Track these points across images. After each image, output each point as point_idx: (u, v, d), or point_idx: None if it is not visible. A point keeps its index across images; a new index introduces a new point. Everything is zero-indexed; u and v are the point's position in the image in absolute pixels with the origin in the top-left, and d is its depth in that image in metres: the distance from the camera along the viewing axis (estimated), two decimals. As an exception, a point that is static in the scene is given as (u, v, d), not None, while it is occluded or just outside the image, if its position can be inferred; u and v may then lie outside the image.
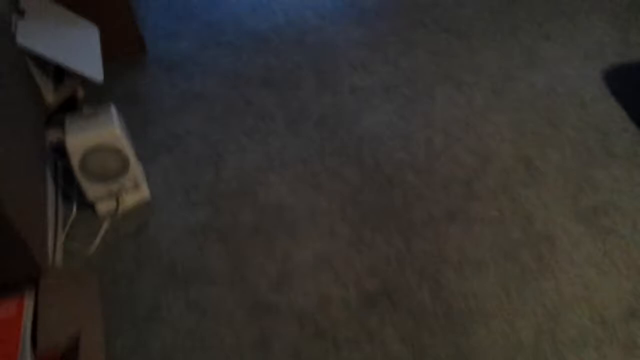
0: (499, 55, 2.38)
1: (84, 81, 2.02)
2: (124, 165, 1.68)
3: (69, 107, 2.02)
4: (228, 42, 2.43)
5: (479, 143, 1.99)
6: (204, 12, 2.60)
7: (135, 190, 1.78)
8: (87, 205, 1.77)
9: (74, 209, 1.78)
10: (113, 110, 1.70)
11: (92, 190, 1.69)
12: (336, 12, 2.62)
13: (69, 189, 1.82)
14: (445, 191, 1.82)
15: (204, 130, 2.05)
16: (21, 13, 1.73)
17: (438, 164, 1.91)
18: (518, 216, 1.74)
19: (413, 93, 2.19)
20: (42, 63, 1.86)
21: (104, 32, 2.10)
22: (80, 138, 1.59)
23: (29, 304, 1.14)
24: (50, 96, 1.85)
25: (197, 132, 2.04)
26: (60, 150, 1.88)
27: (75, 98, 2.03)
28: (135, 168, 1.71)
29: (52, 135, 1.90)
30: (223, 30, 2.50)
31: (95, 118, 1.66)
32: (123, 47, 2.28)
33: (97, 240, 1.70)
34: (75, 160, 1.61)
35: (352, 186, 1.84)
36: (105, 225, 1.74)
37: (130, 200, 1.79)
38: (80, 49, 1.83)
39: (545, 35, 2.48)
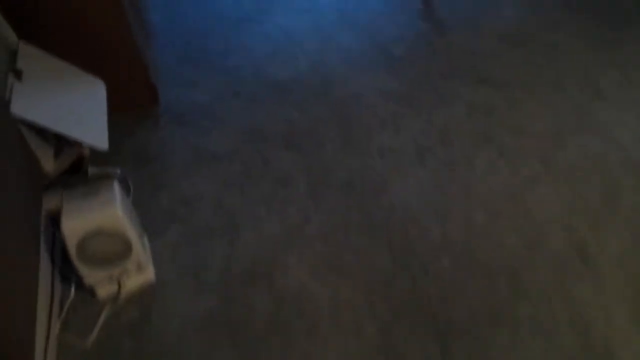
0: (544, 113, 2.14)
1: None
2: (127, 248, 1.50)
3: (74, 167, 1.85)
4: (246, 92, 2.24)
5: (526, 222, 1.76)
6: (221, 56, 2.41)
7: (139, 273, 1.60)
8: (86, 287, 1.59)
9: (72, 291, 1.60)
10: (116, 186, 1.52)
11: (91, 276, 1.51)
12: (363, 58, 2.42)
13: (67, 268, 1.64)
14: (489, 284, 1.59)
15: (219, 196, 1.86)
16: (18, 74, 1.56)
17: (479, 248, 1.69)
18: (573, 321, 1.50)
19: (449, 157, 1.97)
20: (41, 129, 1.70)
21: (113, 82, 1.92)
22: (78, 221, 1.42)
23: None
24: (50, 164, 1.68)
25: (211, 198, 1.85)
26: (58, 220, 1.71)
27: (82, 157, 1.86)
28: (139, 250, 1.53)
29: (50, 202, 1.72)
30: (241, 78, 2.31)
31: (95, 196, 1.48)
32: (133, 98, 2.10)
33: (96, 331, 1.51)
34: (72, 245, 1.44)
35: (381, 273, 1.63)
36: (105, 312, 1.56)
37: (133, 283, 1.61)
38: (83, 112, 1.66)
39: (595, 90, 2.23)
